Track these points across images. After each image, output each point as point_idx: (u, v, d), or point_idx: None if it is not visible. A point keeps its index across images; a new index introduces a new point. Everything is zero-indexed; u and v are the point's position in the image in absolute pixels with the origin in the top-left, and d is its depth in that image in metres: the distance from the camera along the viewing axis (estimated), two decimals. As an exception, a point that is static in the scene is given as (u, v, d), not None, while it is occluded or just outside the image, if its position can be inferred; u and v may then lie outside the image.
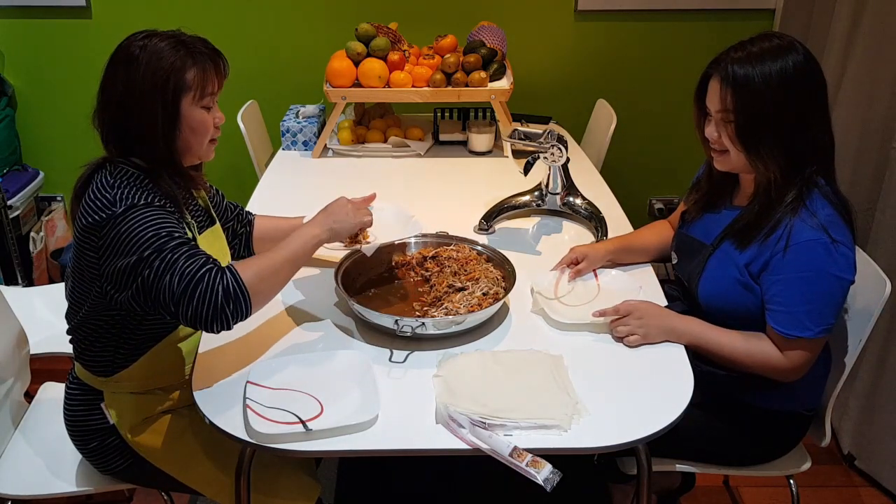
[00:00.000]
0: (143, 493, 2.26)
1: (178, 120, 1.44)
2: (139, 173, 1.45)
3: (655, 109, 3.19)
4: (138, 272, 1.36)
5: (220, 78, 1.51)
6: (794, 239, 1.47)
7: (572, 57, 3.12)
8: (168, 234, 1.38)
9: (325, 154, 2.63)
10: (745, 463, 1.72)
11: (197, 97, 1.45)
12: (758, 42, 1.51)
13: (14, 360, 1.81)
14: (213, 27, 3.06)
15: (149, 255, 1.36)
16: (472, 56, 2.53)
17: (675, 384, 1.47)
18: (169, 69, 1.42)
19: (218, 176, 3.26)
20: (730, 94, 1.49)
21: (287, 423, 1.35)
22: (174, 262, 1.36)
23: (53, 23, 3.03)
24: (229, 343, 1.58)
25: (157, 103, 1.41)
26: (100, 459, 1.63)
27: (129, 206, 1.38)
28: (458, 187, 2.39)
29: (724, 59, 1.51)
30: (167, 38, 1.45)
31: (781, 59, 1.47)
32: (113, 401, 1.58)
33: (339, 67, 2.51)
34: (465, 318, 1.57)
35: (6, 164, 3.10)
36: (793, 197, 1.50)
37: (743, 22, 3.05)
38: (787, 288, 1.49)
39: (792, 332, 1.49)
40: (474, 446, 1.32)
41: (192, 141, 1.48)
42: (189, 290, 1.34)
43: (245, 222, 1.86)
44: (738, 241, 1.57)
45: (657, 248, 1.89)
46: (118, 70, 1.43)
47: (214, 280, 1.35)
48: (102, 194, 1.40)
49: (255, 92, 3.04)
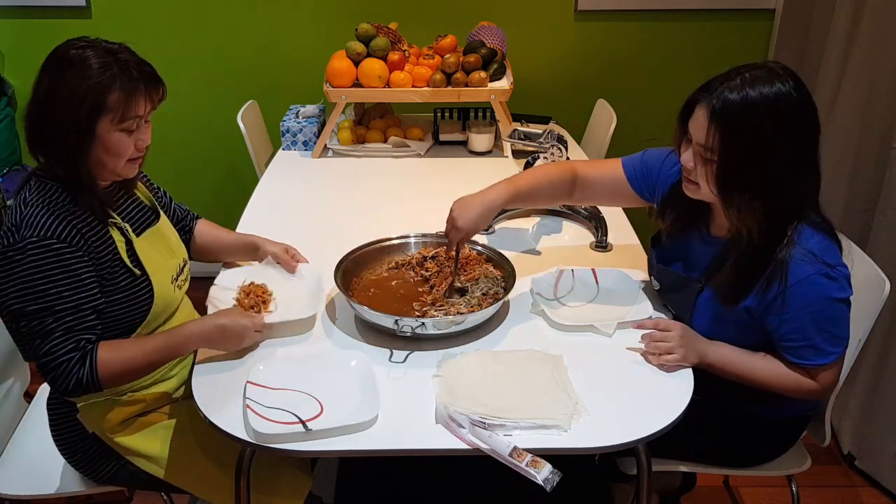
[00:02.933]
0: (144, 493, 2.25)
1: (91, 139, 1.40)
2: (57, 187, 1.44)
3: (655, 110, 3.18)
4: (16, 319, 1.40)
5: (153, 103, 1.46)
6: (794, 278, 1.42)
7: (572, 57, 3.12)
8: (58, 295, 1.38)
9: (325, 154, 2.63)
10: (745, 463, 1.72)
11: (117, 120, 1.41)
12: (744, 71, 1.39)
13: (13, 360, 1.80)
14: (213, 27, 3.06)
15: (31, 312, 1.38)
16: (472, 56, 2.53)
17: (675, 384, 1.47)
18: (89, 88, 1.37)
19: (218, 176, 3.28)
20: (717, 131, 1.38)
21: (287, 423, 1.35)
22: (50, 332, 1.39)
23: (53, 23, 3.03)
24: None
25: (70, 119, 1.38)
26: (88, 469, 1.63)
27: (34, 237, 1.37)
28: (459, 187, 2.36)
29: (716, 87, 1.39)
30: (102, 53, 1.40)
31: (773, 94, 1.36)
32: (87, 410, 1.57)
33: (339, 67, 2.51)
34: (464, 318, 1.57)
35: (6, 163, 3.10)
36: (780, 250, 1.43)
37: (743, 22, 3.05)
38: (798, 325, 1.45)
39: (816, 361, 1.48)
40: (474, 446, 1.32)
41: (106, 160, 1.44)
42: (48, 366, 1.40)
43: (187, 230, 1.82)
44: (727, 300, 1.50)
45: (559, 189, 1.75)
46: (44, 75, 1.41)
47: (71, 370, 1.40)
48: (15, 215, 1.40)
49: (256, 92, 3.04)
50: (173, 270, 1.61)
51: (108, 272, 1.46)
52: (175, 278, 1.62)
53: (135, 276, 1.50)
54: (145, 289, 1.52)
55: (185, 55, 3.09)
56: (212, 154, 3.26)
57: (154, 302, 1.53)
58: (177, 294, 1.62)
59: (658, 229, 1.72)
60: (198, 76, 3.13)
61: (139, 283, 1.51)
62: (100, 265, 1.45)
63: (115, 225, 1.51)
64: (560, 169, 1.78)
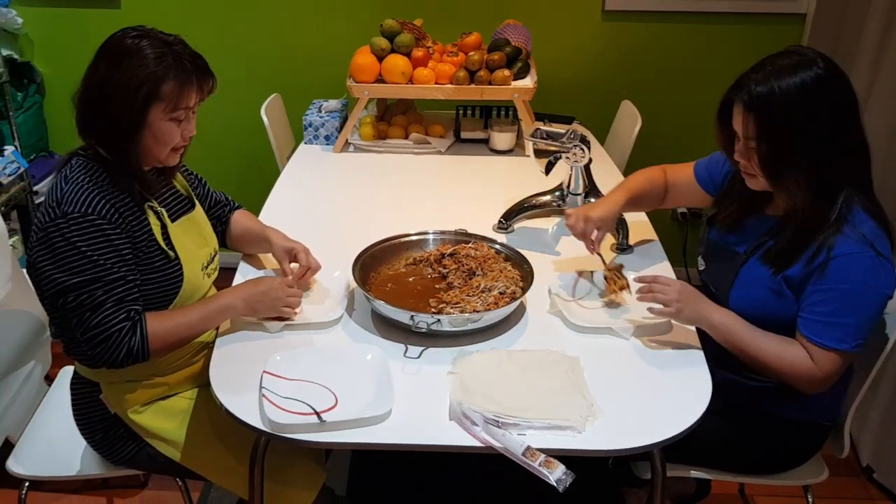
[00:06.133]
0: (159, 478, 2.28)
1: (143, 126, 1.45)
2: (100, 167, 1.47)
3: (681, 112, 3.17)
4: (62, 294, 1.42)
5: (202, 95, 1.52)
6: (839, 250, 1.44)
7: (598, 57, 3.11)
8: (103, 266, 1.41)
9: (346, 149, 2.64)
10: (761, 471, 1.70)
11: (168, 109, 1.46)
12: (777, 60, 1.46)
13: (35, 343, 1.83)
14: (239, 21, 3.08)
15: (78, 284, 1.40)
16: (497, 54, 2.52)
17: (693, 389, 1.46)
18: (146, 76, 1.42)
19: (240, 168, 3.30)
20: (752, 119, 1.45)
21: (302, 414, 1.35)
22: (100, 304, 1.42)
23: (82, 12, 3.06)
24: (247, 333, 1.59)
25: (125, 105, 1.42)
26: (107, 450, 1.65)
27: (76, 213, 1.40)
28: (479, 185, 2.39)
29: (745, 81, 1.47)
30: (158, 43, 1.45)
31: (801, 74, 1.42)
32: (110, 391, 1.60)
33: (362, 63, 2.51)
34: (481, 316, 1.56)
35: (33, 150, 3.14)
36: (832, 221, 1.46)
37: (773, 26, 3.01)
38: (826, 299, 1.46)
39: (827, 342, 1.46)
40: (487, 444, 1.31)
41: (153, 147, 1.49)
42: (99, 338, 1.42)
43: (224, 219, 1.86)
44: (773, 265, 1.54)
45: (659, 194, 1.90)
46: (102, 61, 1.45)
47: (122, 339, 1.43)
48: (55, 191, 1.44)
49: (279, 85, 3.05)
50: (204, 258, 1.64)
51: (144, 251, 1.50)
52: (205, 266, 1.64)
53: (168, 258, 1.54)
54: (177, 271, 1.55)
55: (211, 48, 3.07)
56: (235, 146, 3.28)
57: (182, 287, 1.56)
58: (205, 282, 1.64)
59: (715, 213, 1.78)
60: (223, 69, 3.11)
61: (172, 265, 1.54)
62: (136, 243, 1.49)
63: (152, 209, 1.55)
64: (658, 174, 1.91)
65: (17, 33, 3.04)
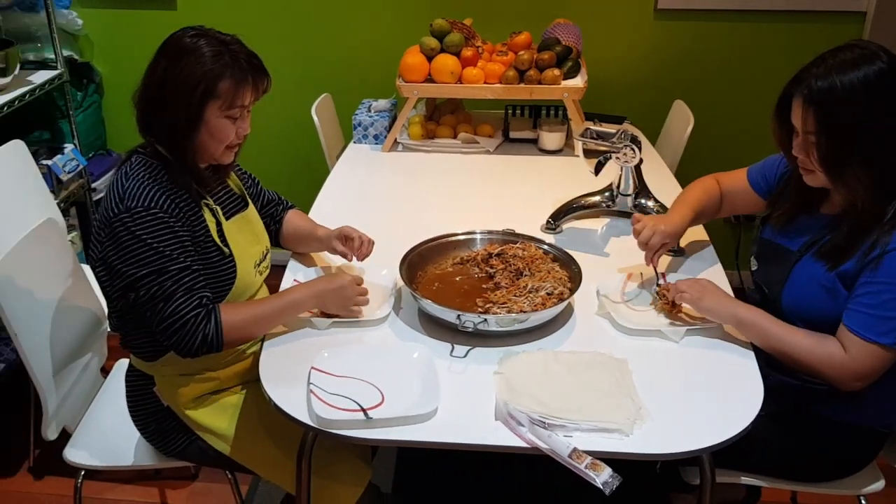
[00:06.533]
0: (209, 471, 2.32)
1: (199, 123, 1.48)
2: (159, 165, 1.51)
3: (736, 112, 3.10)
4: (133, 287, 1.45)
5: (257, 94, 1.54)
6: (893, 245, 1.42)
7: (650, 56, 3.06)
8: (170, 257, 1.44)
9: (394, 148, 2.65)
10: (813, 479, 1.66)
11: (224, 107, 1.49)
12: (838, 54, 1.44)
13: (93, 336, 1.88)
14: (292, 21, 3.12)
15: (147, 275, 1.43)
16: (547, 53, 2.51)
17: (744, 393, 1.43)
18: (203, 74, 1.45)
19: (291, 167, 3.34)
20: (811, 113, 1.43)
21: (348, 410, 1.37)
22: (172, 293, 1.44)
23: (140, 13, 3.14)
24: (296, 330, 1.61)
25: (182, 102, 1.46)
26: (160, 442, 1.69)
27: (139, 207, 1.44)
28: (527, 185, 2.37)
29: (805, 76, 1.45)
30: (216, 42, 1.48)
31: (864, 68, 1.40)
32: (163, 384, 1.64)
33: (412, 62, 2.52)
34: (528, 317, 1.56)
35: (92, 148, 3.23)
36: (888, 219, 1.44)
37: (832, 25, 2.93)
38: (876, 291, 1.43)
39: (870, 335, 1.43)
40: (533, 445, 1.31)
41: (208, 144, 1.52)
42: (174, 326, 1.44)
43: (277, 219, 1.88)
44: (828, 261, 1.52)
45: (716, 204, 1.88)
46: (161, 60, 1.49)
47: (198, 326, 1.45)
48: (117, 187, 1.48)
49: (330, 85, 3.08)
50: (257, 256, 1.67)
51: (201, 247, 1.53)
52: (258, 264, 1.67)
53: (223, 254, 1.57)
54: (230, 268, 1.58)
55: (264, 48, 3.11)
56: (286, 146, 3.32)
57: (235, 283, 1.59)
58: (256, 279, 1.67)
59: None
60: (275, 69, 3.15)
61: (226, 262, 1.57)
62: (194, 238, 1.52)
63: (208, 206, 1.58)
64: (713, 185, 1.89)
65: (78, 34, 3.13)
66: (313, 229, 1.85)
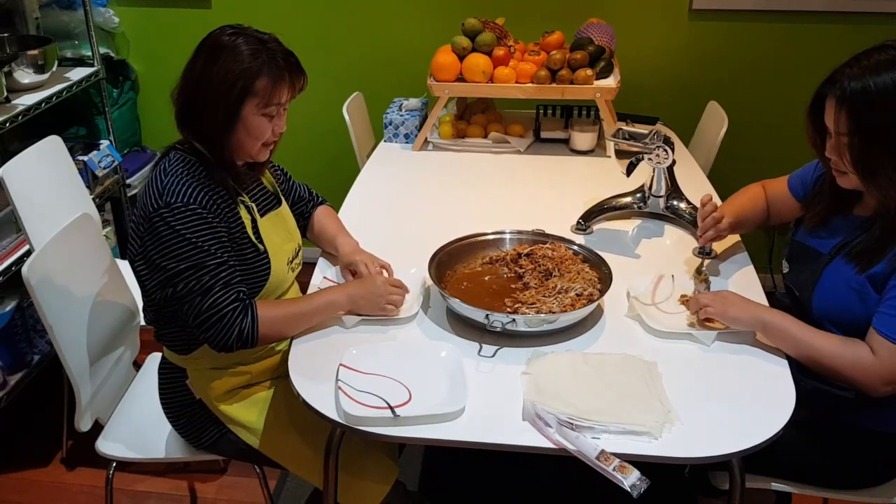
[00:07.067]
0: (238, 465, 2.35)
1: (236, 120, 1.50)
2: (196, 161, 1.52)
3: (771, 114, 3.06)
4: (171, 281, 1.47)
5: (293, 92, 1.55)
6: None
7: (684, 57, 3.03)
8: (208, 252, 1.45)
9: (425, 147, 2.65)
10: (846, 486, 1.63)
11: (261, 105, 1.50)
12: (872, 55, 1.41)
13: (126, 330, 1.91)
14: (324, 20, 3.13)
15: (186, 269, 1.45)
16: (579, 53, 2.49)
17: (776, 398, 1.41)
18: (241, 72, 1.47)
19: (321, 165, 3.36)
20: (844, 114, 1.41)
21: (376, 408, 1.37)
22: (210, 287, 1.46)
23: (175, 11, 3.18)
24: (326, 328, 1.62)
25: (220, 99, 1.47)
26: (191, 434, 1.71)
27: (178, 202, 1.45)
28: (557, 185, 2.36)
29: (838, 76, 1.43)
30: (254, 41, 1.50)
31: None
32: (196, 377, 1.66)
33: (443, 62, 2.52)
34: (557, 318, 1.55)
35: (127, 144, 3.28)
36: None
37: (871, 26, 2.87)
38: None
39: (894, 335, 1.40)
40: (560, 446, 1.30)
41: (245, 142, 1.53)
42: (211, 320, 1.46)
43: (306, 215, 1.90)
44: (857, 262, 1.49)
45: (763, 212, 1.86)
46: (200, 57, 1.50)
47: (234, 321, 1.46)
48: (156, 183, 1.49)
49: (361, 84, 3.09)
50: (289, 253, 1.68)
51: (237, 243, 1.55)
52: (290, 261, 1.69)
53: (258, 251, 1.58)
54: (265, 265, 1.59)
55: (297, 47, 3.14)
56: (317, 143, 3.34)
57: (269, 280, 1.60)
58: (289, 276, 1.69)
59: None
60: (308, 67, 3.19)
61: (261, 258, 1.59)
62: (231, 234, 1.54)
63: (243, 203, 1.60)
64: (759, 193, 1.87)
65: (114, 32, 3.18)
66: (334, 237, 1.86)
